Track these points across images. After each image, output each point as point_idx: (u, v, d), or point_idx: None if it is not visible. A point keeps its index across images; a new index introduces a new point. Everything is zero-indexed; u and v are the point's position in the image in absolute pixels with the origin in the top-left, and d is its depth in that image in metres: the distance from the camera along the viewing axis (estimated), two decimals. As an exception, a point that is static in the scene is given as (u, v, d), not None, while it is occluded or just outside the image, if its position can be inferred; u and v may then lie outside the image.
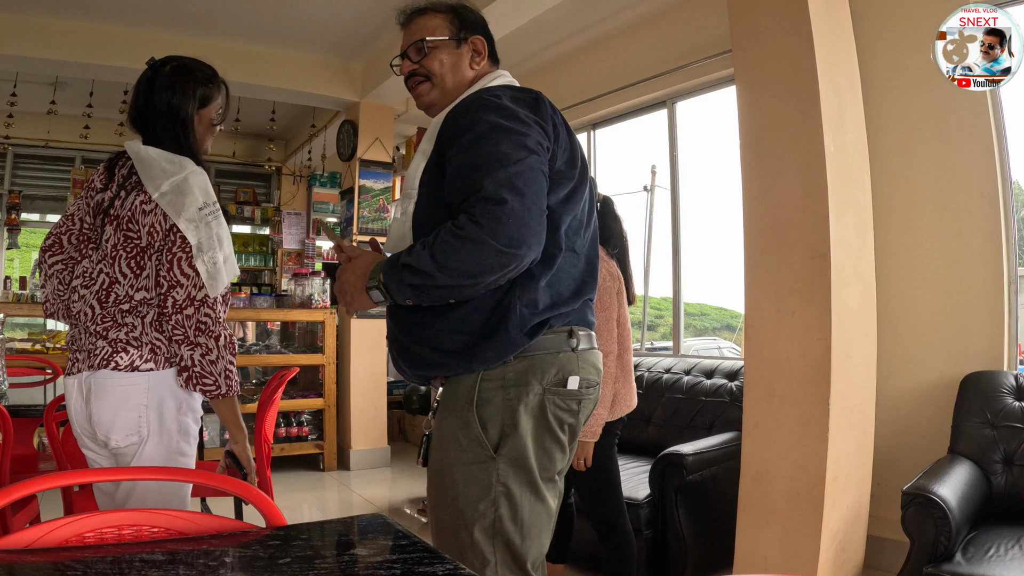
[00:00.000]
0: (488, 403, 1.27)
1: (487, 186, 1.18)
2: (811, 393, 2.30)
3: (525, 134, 1.25)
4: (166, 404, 1.53)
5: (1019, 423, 2.37)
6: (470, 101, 1.32)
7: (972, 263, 2.69)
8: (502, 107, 1.28)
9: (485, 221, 1.16)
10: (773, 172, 2.44)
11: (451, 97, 1.44)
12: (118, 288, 1.52)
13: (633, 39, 4.26)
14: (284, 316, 5.00)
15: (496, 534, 1.26)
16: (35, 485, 1.07)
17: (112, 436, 1.49)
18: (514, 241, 1.16)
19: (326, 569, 0.89)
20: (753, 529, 2.42)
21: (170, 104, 1.56)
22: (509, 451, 1.26)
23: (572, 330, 1.33)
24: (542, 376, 1.28)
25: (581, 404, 1.34)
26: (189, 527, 1.05)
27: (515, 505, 1.27)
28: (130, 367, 1.50)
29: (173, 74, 1.59)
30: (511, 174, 1.20)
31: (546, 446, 1.29)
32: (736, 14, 2.56)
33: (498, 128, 1.25)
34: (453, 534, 1.29)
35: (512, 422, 1.27)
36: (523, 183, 1.20)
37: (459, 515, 1.27)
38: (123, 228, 1.51)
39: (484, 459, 1.27)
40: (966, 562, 1.92)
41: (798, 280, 2.35)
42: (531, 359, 1.28)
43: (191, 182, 1.51)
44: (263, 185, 7.67)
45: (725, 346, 5.40)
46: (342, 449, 5.05)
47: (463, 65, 1.46)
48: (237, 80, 4.70)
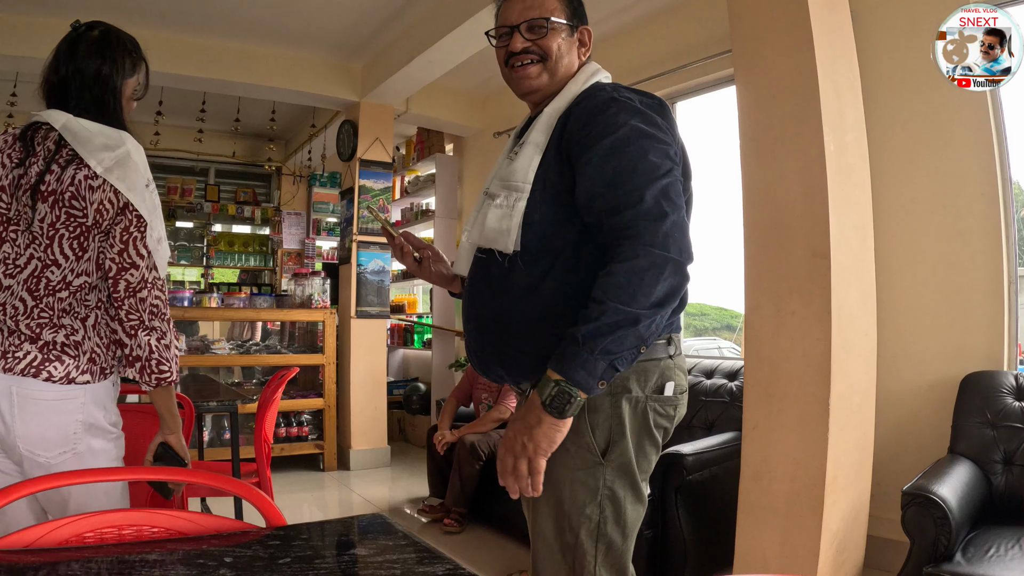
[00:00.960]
0: (597, 410, 1.27)
1: (647, 200, 1.14)
2: (811, 393, 2.30)
3: (667, 143, 1.23)
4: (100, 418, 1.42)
5: (1019, 423, 2.37)
6: (602, 99, 1.26)
7: (972, 263, 2.69)
8: (641, 112, 1.24)
9: (657, 241, 1.12)
10: (773, 172, 2.44)
11: (557, 85, 1.38)
12: (52, 273, 1.37)
13: (633, 39, 4.26)
14: (284, 316, 5.00)
15: (600, 536, 1.28)
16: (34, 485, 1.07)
17: (41, 453, 1.34)
18: (687, 253, 1.14)
19: (326, 569, 0.89)
20: (753, 529, 2.42)
21: (100, 72, 1.42)
22: (616, 457, 1.28)
23: (671, 337, 1.33)
24: (644, 383, 1.29)
25: (676, 409, 1.36)
26: (189, 527, 1.05)
27: (619, 508, 1.29)
28: (66, 379, 1.36)
29: (102, 40, 1.46)
30: (665, 186, 1.17)
31: (646, 450, 1.32)
32: (736, 14, 2.56)
33: (643, 135, 1.21)
34: (557, 536, 1.30)
35: (620, 429, 1.28)
36: (675, 194, 1.18)
37: (564, 518, 1.28)
38: (64, 205, 1.36)
39: (592, 465, 1.27)
40: (966, 562, 1.92)
41: (798, 280, 2.35)
42: (638, 365, 1.27)
43: (134, 157, 1.41)
44: (263, 185, 7.67)
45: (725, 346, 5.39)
46: (342, 449, 5.05)
47: (574, 54, 1.40)
48: (237, 80, 4.71)
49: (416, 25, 4.27)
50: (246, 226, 7.57)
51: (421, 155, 6.16)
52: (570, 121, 1.28)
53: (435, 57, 4.22)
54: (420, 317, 6.41)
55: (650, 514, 2.66)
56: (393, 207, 5.89)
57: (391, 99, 5.10)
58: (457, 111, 5.60)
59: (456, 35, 3.87)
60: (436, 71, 4.50)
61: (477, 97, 5.67)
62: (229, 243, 7.38)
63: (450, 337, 5.84)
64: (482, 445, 3.49)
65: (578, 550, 1.28)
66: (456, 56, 4.22)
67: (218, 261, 7.29)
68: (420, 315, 6.47)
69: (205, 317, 4.90)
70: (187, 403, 2.16)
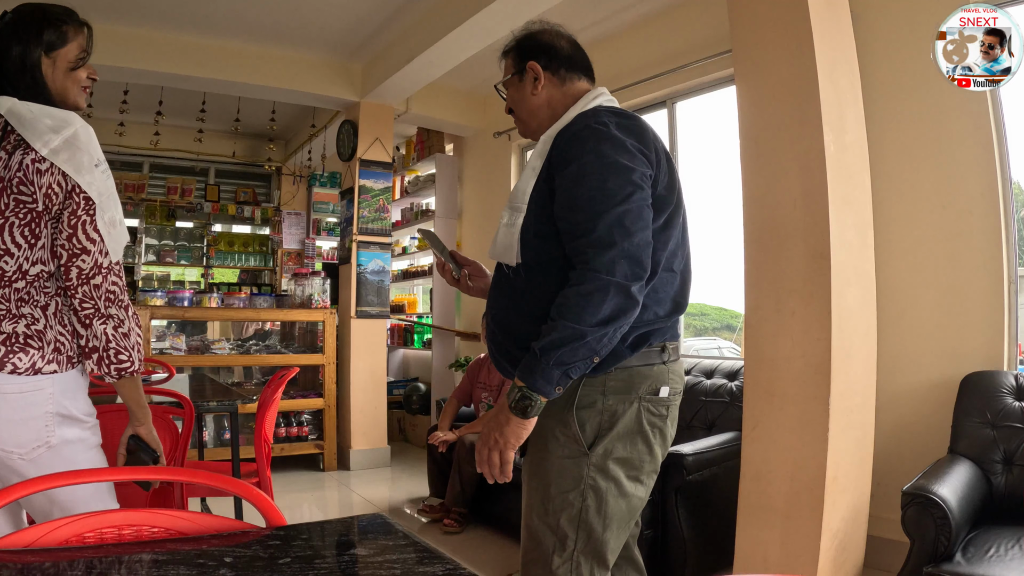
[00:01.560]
0: (588, 407, 1.39)
1: (598, 229, 1.27)
2: (811, 393, 2.30)
3: (632, 168, 1.33)
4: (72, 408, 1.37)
5: (1019, 423, 2.37)
6: (579, 126, 1.39)
7: (972, 263, 2.69)
8: (611, 137, 1.34)
9: (603, 267, 1.26)
10: (773, 172, 2.44)
11: (535, 123, 1.56)
12: (6, 263, 1.33)
13: (633, 39, 4.26)
14: (284, 316, 5.00)
15: (581, 522, 1.38)
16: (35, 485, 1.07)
17: (15, 451, 1.30)
18: (631, 278, 1.27)
19: (326, 569, 0.89)
20: (753, 529, 2.42)
21: (14, 53, 1.37)
22: (602, 450, 1.38)
23: (664, 345, 1.44)
24: (638, 387, 1.40)
25: (669, 409, 1.46)
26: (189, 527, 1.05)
27: (600, 498, 1.38)
28: (32, 369, 1.31)
29: (14, 19, 1.39)
30: (620, 214, 1.28)
31: (637, 447, 1.41)
32: (736, 14, 2.56)
33: (605, 161, 1.32)
34: (542, 517, 1.41)
35: (608, 425, 1.39)
36: (631, 221, 1.29)
37: (549, 501, 1.40)
38: (13, 192, 1.32)
39: (578, 455, 1.39)
40: (966, 562, 1.92)
41: (798, 280, 2.35)
42: (629, 372, 1.40)
43: (82, 137, 1.35)
44: (263, 185, 7.67)
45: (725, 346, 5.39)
46: (342, 449, 5.05)
47: (526, 95, 1.55)
48: (237, 80, 4.71)
49: (416, 25, 4.27)
50: (246, 226, 7.57)
51: (421, 155, 6.16)
52: (556, 146, 1.40)
53: (435, 57, 4.22)
54: (420, 317, 6.41)
55: (650, 514, 2.66)
56: (393, 207, 5.89)
57: (391, 99, 5.10)
58: (457, 111, 5.60)
59: (456, 35, 3.87)
60: (436, 71, 4.50)
61: (477, 97, 5.67)
62: (229, 243, 7.38)
63: (450, 337, 5.84)
64: (482, 445, 3.49)
65: (559, 533, 1.39)
66: (456, 56, 4.22)
67: (218, 261, 7.29)
68: (420, 315, 6.47)
69: (205, 317, 4.90)
70: (187, 403, 2.16)
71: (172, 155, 6.77)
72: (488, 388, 3.82)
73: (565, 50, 1.56)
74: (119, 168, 6.69)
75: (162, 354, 4.42)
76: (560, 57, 1.55)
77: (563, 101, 1.53)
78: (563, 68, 1.54)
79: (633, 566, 1.65)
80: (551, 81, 1.54)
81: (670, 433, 1.49)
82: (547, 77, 1.53)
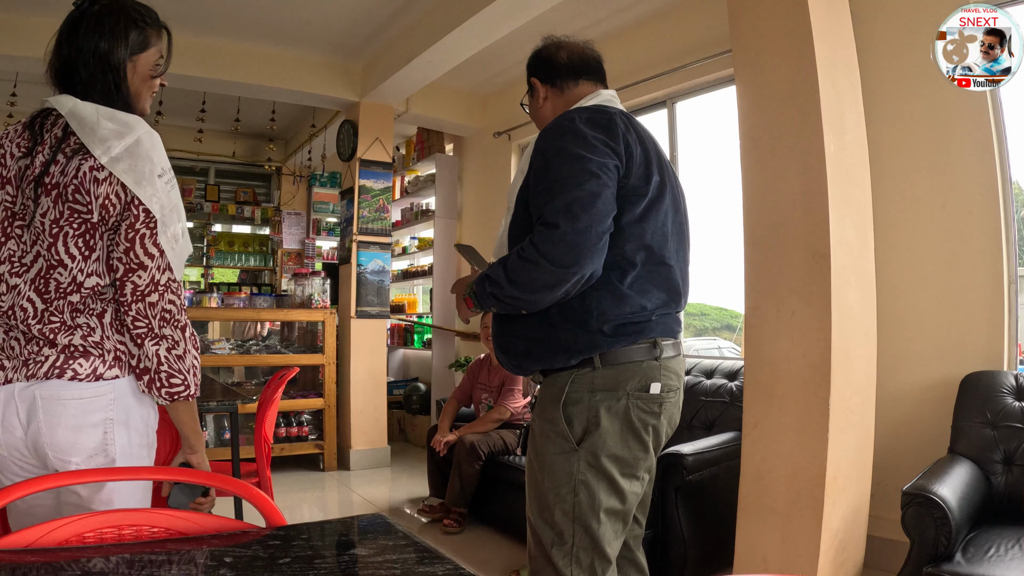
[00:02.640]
0: (576, 403, 1.44)
1: (546, 212, 1.37)
2: (811, 393, 2.30)
3: (588, 158, 1.40)
4: (133, 415, 1.30)
5: (1019, 423, 2.37)
6: (551, 126, 1.49)
7: (972, 263, 2.69)
8: (574, 131, 1.43)
9: (541, 245, 1.35)
10: (773, 172, 2.44)
11: None
12: (60, 274, 1.24)
13: (633, 39, 4.26)
14: (284, 316, 5.00)
15: (576, 517, 1.42)
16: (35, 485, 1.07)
17: (72, 459, 1.23)
18: (565, 262, 1.33)
19: (326, 569, 0.89)
20: (753, 529, 2.42)
21: (97, 48, 1.28)
22: (590, 446, 1.42)
23: (656, 341, 1.47)
24: (626, 383, 1.44)
25: (662, 406, 1.49)
26: (189, 527, 1.05)
27: (593, 495, 1.42)
28: (93, 376, 1.25)
29: (102, 12, 1.30)
30: (570, 200, 1.35)
31: (629, 444, 1.44)
32: (736, 14, 2.56)
33: (563, 153, 1.41)
34: (541, 512, 1.46)
35: (596, 421, 1.42)
36: (580, 208, 1.35)
37: (544, 496, 1.45)
38: (68, 200, 1.23)
39: (568, 451, 1.43)
40: (966, 562, 1.92)
41: (798, 280, 2.35)
42: (617, 368, 1.44)
43: (145, 144, 1.27)
44: (263, 185, 7.67)
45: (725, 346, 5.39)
46: (342, 449, 5.05)
47: (536, 107, 1.71)
48: (237, 80, 4.71)
49: (416, 25, 4.27)
50: (246, 226, 7.57)
51: (421, 155, 6.16)
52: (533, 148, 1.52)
53: (435, 57, 4.22)
54: (420, 317, 6.41)
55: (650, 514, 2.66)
56: (393, 207, 5.89)
57: (391, 99, 5.10)
58: (457, 111, 5.60)
59: (456, 35, 3.87)
60: (436, 71, 4.50)
61: (477, 97, 5.67)
62: (229, 243, 7.38)
63: (450, 337, 5.84)
64: (482, 445, 3.49)
65: (555, 528, 1.43)
66: (456, 56, 4.22)
67: (218, 261, 7.29)
68: (420, 315, 6.47)
69: (205, 317, 4.90)
70: (187, 403, 2.16)
71: (172, 155, 6.71)
72: (488, 388, 3.82)
73: (562, 60, 1.67)
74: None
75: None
76: (556, 68, 1.66)
77: (565, 108, 1.62)
78: (559, 78, 1.66)
79: (635, 568, 1.66)
80: (551, 92, 1.67)
81: (665, 430, 1.50)
82: (547, 89, 1.67)
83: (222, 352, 4.81)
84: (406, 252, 6.57)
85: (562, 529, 1.42)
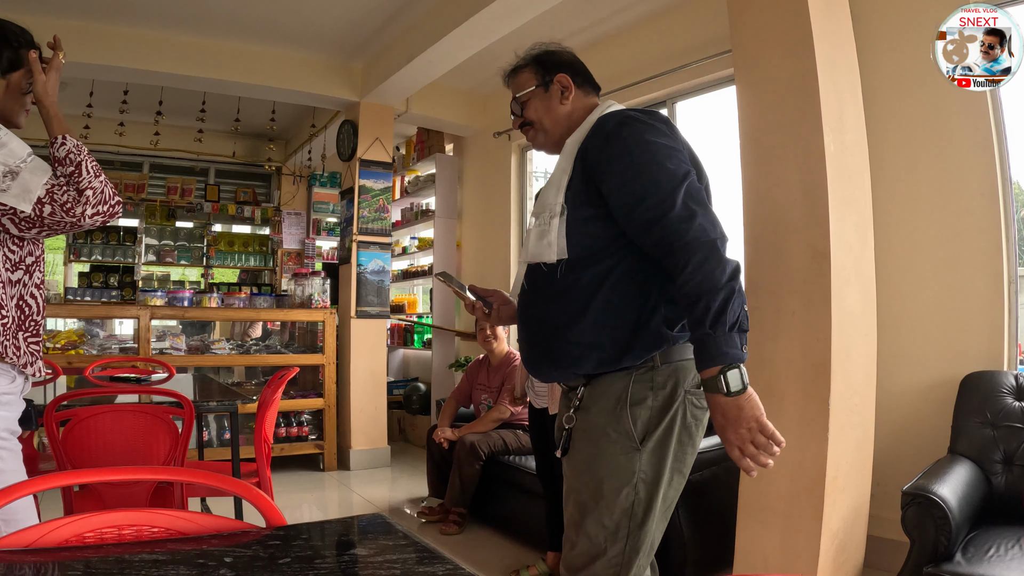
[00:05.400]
0: (639, 403, 1.43)
1: (677, 206, 1.33)
2: (811, 393, 2.30)
3: (678, 149, 1.41)
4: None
5: (1019, 423, 2.37)
6: (613, 124, 1.45)
7: (972, 263, 2.69)
8: (652, 126, 1.42)
9: (698, 233, 1.31)
10: (773, 172, 2.44)
11: (556, 133, 1.62)
12: None
13: (633, 39, 4.26)
14: (284, 316, 5.00)
15: (632, 515, 1.42)
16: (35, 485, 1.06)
17: None
18: (722, 233, 1.33)
19: (326, 569, 0.89)
20: (753, 529, 2.42)
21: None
22: (653, 444, 1.42)
23: None
24: (684, 380, 1.44)
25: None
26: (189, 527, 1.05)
27: (650, 492, 1.42)
28: None
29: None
30: (687, 188, 1.35)
31: (682, 440, 1.45)
32: (736, 14, 2.56)
33: (656, 147, 1.39)
34: (594, 512, 1.44)
35: (658, 420, 1.42)
36: (696, 192, 1.36)
37: (601, 497, 1.43)
38: None
39: (630, 450, 1.42)
40: (966, 562, 1.92)
41: (798, 280, 2.35)
42: (675, 365, 1.44)
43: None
44: (263, 185, 7.67)
45: (725, 346, 5.39)
46: (342, 449, 5.05)
47: (554, 104, 1.62)
48: (237, 80, 4.71)
49: (416, 25, 4.27)
50: (246, 226, 7.57)
51: (421, 155, 6.16)
52: (589, 149, 1.46)
53: (435, 57, 4.22)
54: (420, 317, 6.41)
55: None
56: (393, 207, 5.89)
57: (391, 99, 5.10)
58: (457, 111, 5.60)
59: (456, 35, 3.87)
60: (436, 71, 4.50)
61: (477, 97, 5.67)
62: (229, 243, 7.38)
63: (450, 337, 5.84)
64: (482, 445, 3.49)
65: (612, 527, 1.42)
66: (456, 56, 4.22)
67: (218, 261, 7.28)
68: (420, 315, 6.47)
69: (205, 317, 4.90)
70: (187, 403, 2.16)
71: (172, 155, 6.76)
72: (487, 389, 3.82)
73: (582, 67, 1.67)
74: (119, 168, 6.69)
75: (162, 354, 4.43)
76: (581, 72, 1.66)
77: (583, 112, 1.61)
78: (585, 83, 1.65)
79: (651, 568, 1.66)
80: (577, 93, 1.63)
81: (705, 426, 1.51)
82: (575, 89, 1.64)
83: (222, 352, 4.81)
84: (406, 252, 6.57)
85: (618, 527, 1.42)
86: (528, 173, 5.43)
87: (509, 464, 3.45)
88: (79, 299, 4.82)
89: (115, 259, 6.69)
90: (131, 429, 2.10)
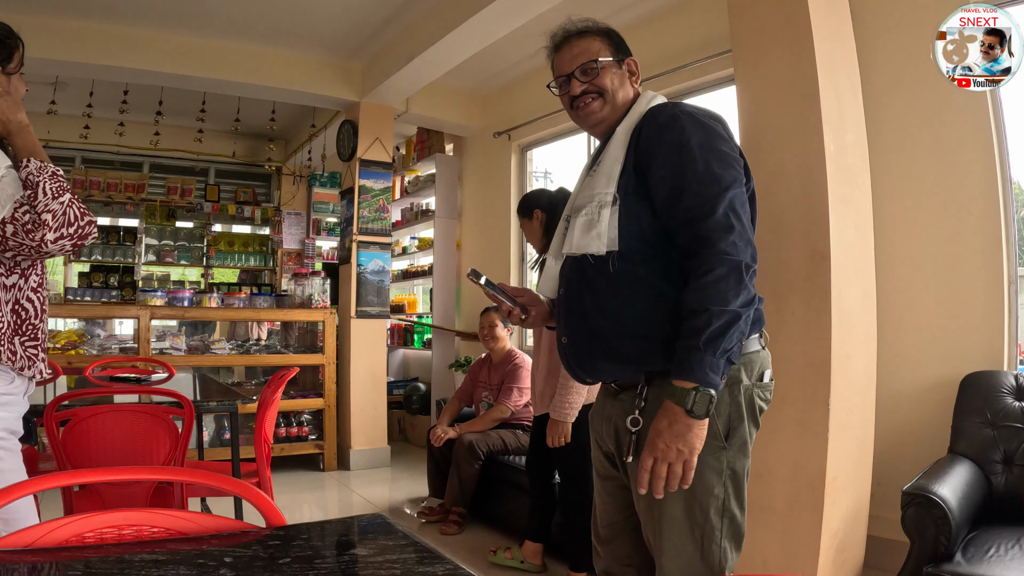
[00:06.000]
0: (719, 401, 1.38)
1: (717, 212, 1.29)
2: (811, 393, 2.30)
3: (732, 155, 1.37)
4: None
5: (1019, 423, 2.37)
6: (668, 116, 1.40)
7: (972, 263, 2.69)
8: (707, 126, 1.38)
9: (730, 249, 1.28)
10: (773, 172, 2.44)
11: (619, 113, 1.52)
12: None
13: (633, 39, 4.22)
14: (284, 316, 5.00)
15: (724, 511, 1.41)
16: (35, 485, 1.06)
17: None
18: (753, 257, 1.31)
19: (326, 569, 0.89)
20: (753, 529, 2.41)
21: None
22: (736, 439, 1.41)
23: (763, 332, 1.48)
24: (751, 373, 1.43)
25: (771, 393, 1.49)
26: (189, 527, 1.05)
27: (739, 484, 1.43)
28: None
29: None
30: (731, 197, 1.32)
31: (752, 433, 1.45)
32: (736, 14, 2.56)
33: (708, 148, 1.35)
34: (687, 517, 1.41)
35: (738, 414, 1.41)
36: (739, 205, 1.33)
37: (695, 500, 1.40)
38: None
39: (717, 449, 1.39)
40: (966, 562, 1.92)
41: (798, 280, 2.35)
42: (744, 357, 1.42)
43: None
44: (263, 185, 7.67)
45: (725, 346, 5.39)
46: (342, 449, 5.05)
47: (627, 84, 1.56)
48: (237, 80, 4.71)
49: (416, 25, 4.27)
50: (246, 226, 7.57)
51: (421, 155, 6.16)
52: (642, 137, 1.41)
53: (435, 57, 4.22)
54: (420, 317, 6.41)
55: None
56: (393, 207, 5.89)
57: (391, 99, 5.10)
58: (457, 111, 5.60)
59: (456, 35, 3.87)
60: (436, 71, 4.50)
61: (477, 97, 5.67)
62: (229, 243, 7.38)
63: (450, 337, 5.84)
64: (481, 444, 3.49)
65: (706, 527, 1.41)
66: (456, 56, 4.22)
67: (218, 261, 7.29)
68: (420, 315, 6.47)
69: (205, 317, 4.90)
70: (187, 403, 2.16)
71: (172, 155, 6.76)
72: (488, 388, 3.82)
73: None
74: (119, 168, 6.70)
75: (162, 354, 4.43)
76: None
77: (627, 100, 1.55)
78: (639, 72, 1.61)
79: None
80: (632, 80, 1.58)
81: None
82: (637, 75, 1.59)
83: (222, 352, 4.81)
84: (406, 252, 6.57)
85: (713, 525, 1.41)
86: (528, 173, 5.43)
87: (508, 464, 3.45)
88: (79, 299, 4.82)
89: (115, 259, 6.70)
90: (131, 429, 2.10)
